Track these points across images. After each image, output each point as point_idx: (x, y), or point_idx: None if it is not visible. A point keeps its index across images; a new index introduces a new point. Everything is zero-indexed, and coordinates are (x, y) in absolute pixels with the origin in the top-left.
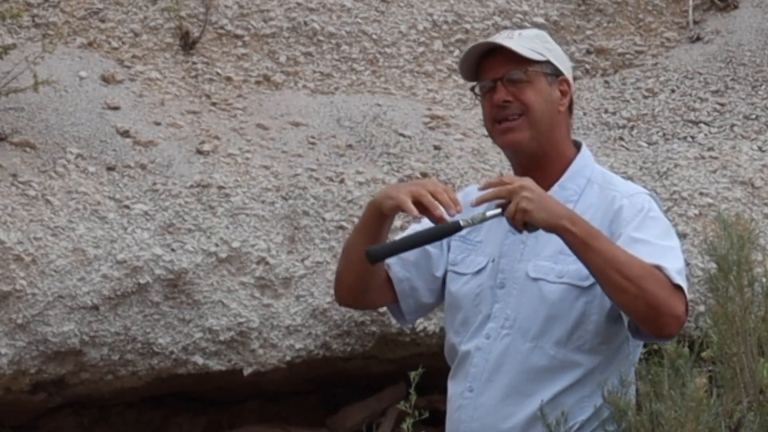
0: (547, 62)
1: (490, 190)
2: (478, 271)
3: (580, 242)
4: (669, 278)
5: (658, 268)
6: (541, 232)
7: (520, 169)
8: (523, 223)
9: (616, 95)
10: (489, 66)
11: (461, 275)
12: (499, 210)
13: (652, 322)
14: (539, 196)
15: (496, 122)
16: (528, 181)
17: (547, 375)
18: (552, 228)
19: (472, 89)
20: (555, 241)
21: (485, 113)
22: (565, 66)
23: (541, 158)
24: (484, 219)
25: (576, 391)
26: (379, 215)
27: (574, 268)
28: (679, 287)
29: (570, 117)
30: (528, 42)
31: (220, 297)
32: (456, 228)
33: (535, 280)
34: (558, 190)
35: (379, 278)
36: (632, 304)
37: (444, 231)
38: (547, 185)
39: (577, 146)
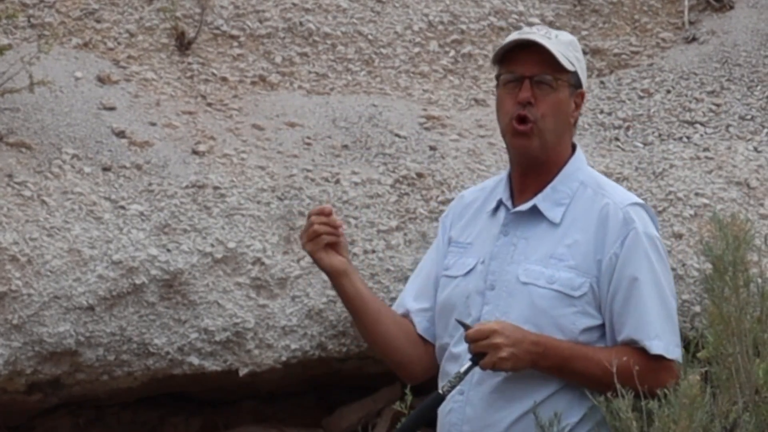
0: (574, 73)
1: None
2: (467, 273)
3: (555, 371)
4: (650, 355)
5: (641, 346)
6: (530, 234)
7: (518, 168)
8: None
9: (612, 96)
10: (522, 59)
11: (452, 278)
12: (470, 363)
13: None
14: (512, 342)
15: (513, 119)
16: (498, 326)
17: (538, 379)
18: (527, 368)
19: (498, 77)
20: (545, 244)
21: (503, 105)
22: (585, 78)
23: (542, 163)
24: (460, 377)
25: (567, 392)
26: (332, 281)
27: (565, 276)
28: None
29: (575, 126)
30: (564, 48)
31: (215, 297)
32: (440, 398)
33: (525, 284)
34: (550, 192)
35: (410, 342)
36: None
37: (431, 405)
38: (540, 186)
39: (572, 147)
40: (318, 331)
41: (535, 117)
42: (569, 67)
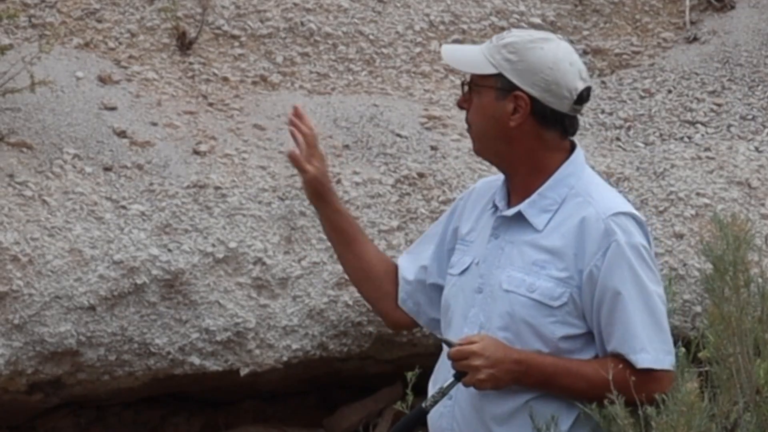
0: (499, 75)
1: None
2: (463, 272)
3: (539, 387)
4: (637, 370)
5: (626, 360)
6: (516, 239)
7: (503, 174)
8: None
9: (613, 96)
10: None
11: (452, 276)
12: (452, 379)
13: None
14: (492, 363)
15: None
16: (479, 347)
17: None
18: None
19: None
20: (529, 251)
21: None
22: (528, 79)
23: (508, 168)
24: (444, 392)
25: (553, 398)
26: (313, 201)
27: (545, 285)
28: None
29: (546, 129)
30: (493, 50)
31: (216, 297)
32: (423, 413)
33: (507, 292)
34: (537, 199)
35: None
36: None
37: (414, 419)
38: (527, 193)
39: (572, 148)
40: (319, 331)
41: (469, 121)
42: (483, 71)
